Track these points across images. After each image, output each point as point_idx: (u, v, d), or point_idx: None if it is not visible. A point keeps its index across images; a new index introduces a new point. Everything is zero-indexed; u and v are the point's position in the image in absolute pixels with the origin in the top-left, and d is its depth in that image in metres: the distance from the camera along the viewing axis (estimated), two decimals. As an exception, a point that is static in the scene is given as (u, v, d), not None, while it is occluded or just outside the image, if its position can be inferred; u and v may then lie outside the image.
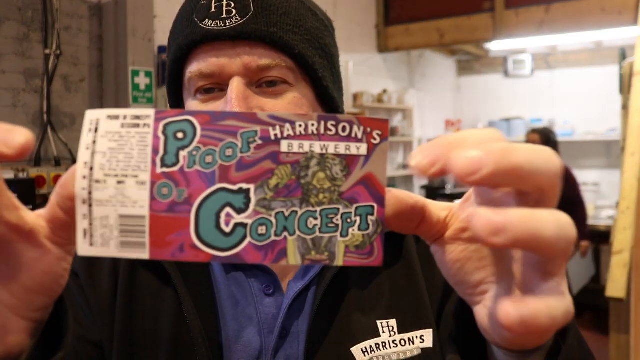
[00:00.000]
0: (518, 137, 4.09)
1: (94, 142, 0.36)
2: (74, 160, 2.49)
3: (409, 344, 0.56)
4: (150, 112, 0.36)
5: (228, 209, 0.36)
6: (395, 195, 0.36)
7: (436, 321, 0.60)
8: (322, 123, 0.36)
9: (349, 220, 0.36)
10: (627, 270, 2.07)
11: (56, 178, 2.38)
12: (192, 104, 0.60)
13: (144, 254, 0.36)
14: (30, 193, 2.16)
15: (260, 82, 0.58)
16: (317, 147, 0.36)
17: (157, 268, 0.57)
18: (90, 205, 0.35)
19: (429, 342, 0.57)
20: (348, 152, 0.36)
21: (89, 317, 0.59)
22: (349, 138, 0.36)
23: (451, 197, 2.92)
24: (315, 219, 0.36)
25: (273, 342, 0.55)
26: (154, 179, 0.35)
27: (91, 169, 0.36)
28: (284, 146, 0.36)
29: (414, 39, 3.09)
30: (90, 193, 0.35)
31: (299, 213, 0.36)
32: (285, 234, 0.36)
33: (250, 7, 0.54)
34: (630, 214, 2.13)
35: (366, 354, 0.55)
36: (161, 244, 0.36)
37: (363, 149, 0.36)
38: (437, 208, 0.37)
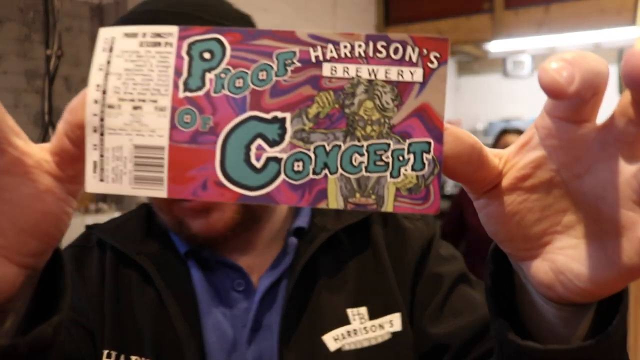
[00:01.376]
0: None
1: (108, 62, 0.31)
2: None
3: (379, 330, 0.57)
4: (174, 29, 0.31)
5: (260, 141, 0.31)
6: (454, 132, 0.31)
7: (410, 301, 0.61)
8: (371, 44, 0.31)
9: (400, 158, 0.31)
10: None
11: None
12: None
13: (162, 192, 0.31)
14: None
15: None
16: (364, 71, 0.31)
17: (138, 267, 0.57)
18: (101, 134, 0.31)
19: (397, 326, 0.58)
20: (400, 79, 0.31)
21: (80, 306, 0.59)
22: (401, 61, 0.31)
23: (449, 198, 2.86)
24: (362, 155, 0.31)
25: (246, 335, 0.56)
26: (175, 104, 0.31)
27: (104, 92, 0.31)
28: (327, 70, 0.31)
29: None
30: (102, 120, 0.31)
31: (343, 148, 0.31)
32: (326, 171, 0.31)
33: None
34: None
35: (338, 341, 0.56)
36: (181, 180, 0.31)
37: (418, 74, 0.31)
38: (491, 154, 0.32)
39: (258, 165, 0.31)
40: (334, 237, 0.61)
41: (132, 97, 0.31)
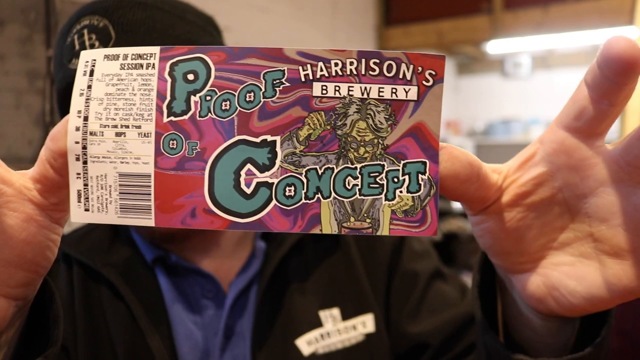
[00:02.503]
0: (516, 137, 4.05)
1: (89, 86, 0.30)
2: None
3: (352, 331, 0.57)
4: (155, 49, 0.30)
5: (249, 166, 0.29)
6: (450, 151, 0.30)
7: (385, 300, 0.60)
8: (363, 61, 0.29)
9: (395, 180, 0.29)
10: None
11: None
12: None
13: (149, 220, 0.30)
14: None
15: None
16: (356, 90, 0.29)
17: (106, 280, 0.55)
18: (85, 162, 0.30)
19: (371, 327, 0.57)
20: (394, 97, 0.29)
21: None
22: (395, 79, 0.29)
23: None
24: (355, 178, 0.29)
25: (219, 343, 0.54)
26: (159, 129, 0.29)
27: (85, 118, 0.30)
28: (317, 89, 0.29)
29: (413, 39, 3.06)
30: (84, 147, 0.29)
31: (335, 171, 0.29)
32: (319, 195, 0.29)
33: (111, 34, 0.51)
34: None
35: (311, 345, 0.55)
36: (169, 208, 0.30)
37: (413, 92, 0.29)
38: (489, 170, 0.31)
39: (248, 191, 0.29)
40: (302, 239, 0.59)
41: (115, 123, 0.30)
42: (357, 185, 0.29)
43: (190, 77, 0.29)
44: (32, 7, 2.22)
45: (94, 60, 0.30)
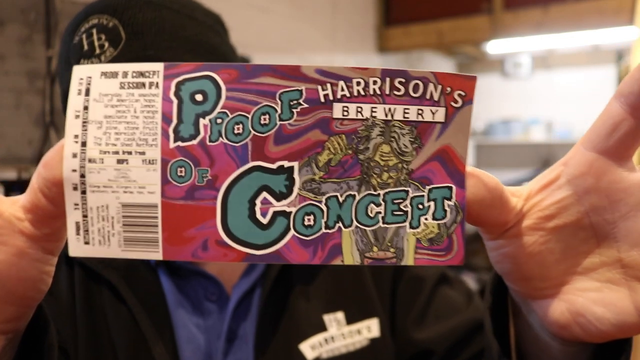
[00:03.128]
0: (516, 137, 4.08)
1: (86, 108, 0.27)
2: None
3: (357, 336, 0.56)
4: (159, 66, 0.27)
5: (265, 194, 0.27)
6: (477, 175, 0.28)
7: (391, 305, 0.59)
8: (388, 80, 0.27)
9: (420, 207, 0.28)
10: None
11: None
12: None
13: (157, 254, 0.27)
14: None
15: None
16: (380, 111, 0.27)
17: (108, 283, 0.54)
18: (83, 192, 0.27)
19: (376, 332, 0.57)
20: (420, 119, 0.27)
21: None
22: (422, 100, 0.27)
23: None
24: (378, 205, 0.28)
25: (221, 346, 0.53)
26: (165, 156, 0.27)
27: (83, 143, 0.27)
28: (338, 111, 0.27)
29: (413, 39, 3.03)
30: (82, 176, 0.27)
31: (357, 198, 0.28)
32: (340, 225, 0.28)
33: (121, 35, 0.49)
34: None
35: (315, 350, 0.54)
36: (178, 240, 0.27)
37: (440, 114, 0.27)
38: (509, 193, 0.30)
39: (264, 220, 0.27)
40: None
41: (116, 148, 0.27)
42: (380, 212, 0.28)
43: (199, 97, 0.27)
44: (32, 7, 2.13)
45: (90, 77, 0.27)
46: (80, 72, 0.27)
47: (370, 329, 0.57)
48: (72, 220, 0.27)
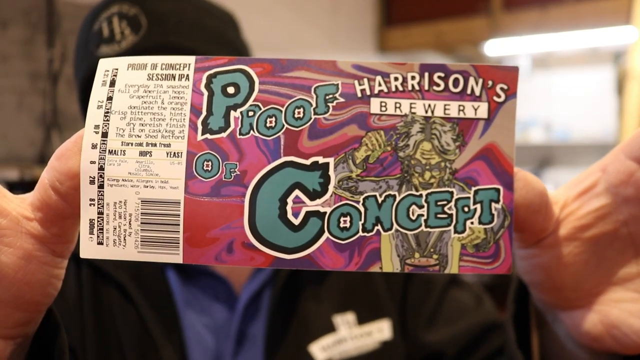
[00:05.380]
0: (516, 138, 4.13)
1: (109, 98, 0.26)
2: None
3: (368, 338, 0.55)
4: (190, 59, 0.26)
5: (297, 192, 0.25)
6: (525, 177, 0.27)
7: (401, 306, 0.58)
8: (426, 75, 0.26)
9: (466, 209, 0.26)
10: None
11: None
12: None
13: (177, 256, 0.25)
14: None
15: None
16: (419, 107, 0.26)
17: (117, 283, 0.53)
18: (100, 186, 0.25)
19: (387, 334, 0.56)
20: (462, 115, 0.26)
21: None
22: (462, 95, 0.26)
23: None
24: (420, 207, 0.25)
25: (231, 347, 0.52)
26: (192, 149, 0.25)
27: (104, 134, 0.25)
28: (375, 106, 0.26)
29: (412, 40, 3.13)
30: (101, 168, 0.25)
31: (398, 198, 0.25)
32: (378, 227, 0.25)
33: (141, 23, 0.51)
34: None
35: (325, 350, 0.53)
36: (201, 242, 0.25)
37: (483, 109, 0.26)
38: (553, 199, 0.29)
39: (296, 221, 0.25)
40: None
41: (140, 140, 0.25)
42: (423, 215, 0.25)
43: (231, 90, 0.26)
44: (34, 8, 2.22)
45: (116, 69, 0.26)
46: (106, 64, 0.26)
47: (381, 330, 0.55)
48: (85, 217, 0.25)
